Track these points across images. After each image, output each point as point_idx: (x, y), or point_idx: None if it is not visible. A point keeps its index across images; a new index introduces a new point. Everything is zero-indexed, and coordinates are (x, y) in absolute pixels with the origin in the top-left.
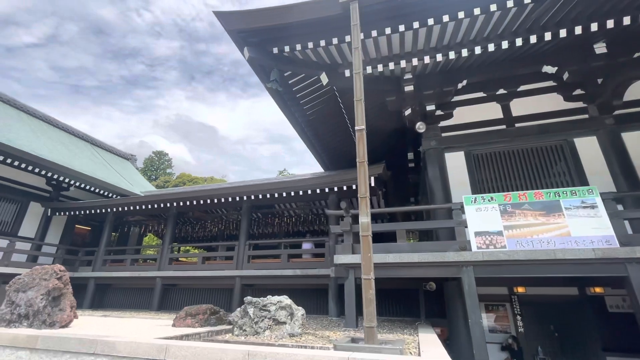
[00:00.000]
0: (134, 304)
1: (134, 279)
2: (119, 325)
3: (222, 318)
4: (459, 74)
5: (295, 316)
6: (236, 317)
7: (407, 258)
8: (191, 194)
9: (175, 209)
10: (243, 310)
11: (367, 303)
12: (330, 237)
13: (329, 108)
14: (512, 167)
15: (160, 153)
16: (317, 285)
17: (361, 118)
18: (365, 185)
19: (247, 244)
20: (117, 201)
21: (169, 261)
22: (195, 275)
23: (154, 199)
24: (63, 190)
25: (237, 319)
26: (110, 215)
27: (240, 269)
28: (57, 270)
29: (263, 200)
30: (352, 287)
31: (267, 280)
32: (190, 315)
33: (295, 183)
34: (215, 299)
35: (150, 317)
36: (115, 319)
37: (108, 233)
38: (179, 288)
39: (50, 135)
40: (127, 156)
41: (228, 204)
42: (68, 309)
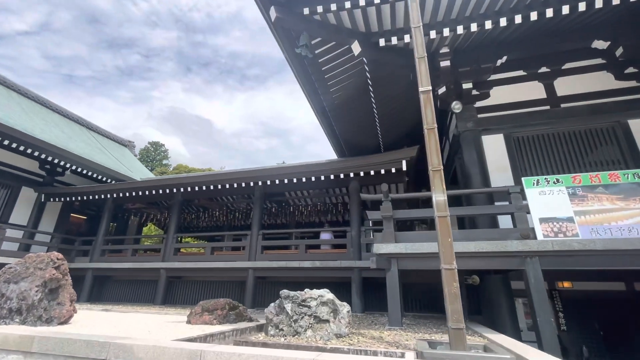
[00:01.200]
0: (135, 297)
1: (136, 270)
2: (124, 321)
3: (242, 314)
4: (499, 50)
5: (340, 313)
6: (270, 313)
7: (461, 247)
8: (199, 179)
9: (181, 195)
10: (278, 306)
11: (452, 299)
12: (352, 226)
13: (355, 86)
14: (558, 150)
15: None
16: (338, 278)
17: (426, 78)
18: (438, 156)
19: (261, 234)
20: (118, 186)
21: (174, 252)
22: (203, 266)
23: (158, 183)
24: (57, 175)
25: (271, 316)
26: (109, 202)
27: (254, 260)
28: (55, 259)
29: (277, 187)
30: (395, 280)
31: (282, 273)
32: (207, 311)
33: (315, 168)
34: (225, 292)
35: (156, 311)
36: (118, 313)
37: (107, 221)
38: (185, 281)
39: (44, 116)
40: (125, 142)
41: (239, 191)
42: (67, 303)
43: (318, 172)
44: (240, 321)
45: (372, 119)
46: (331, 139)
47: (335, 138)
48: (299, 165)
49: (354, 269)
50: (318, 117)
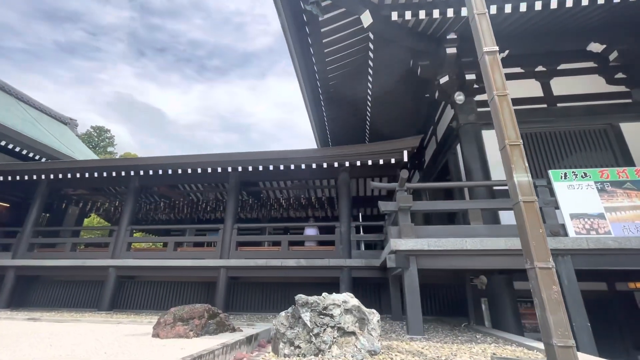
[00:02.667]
0: (72, 301)
1: (76, 269)
2: (63, 336)
3: (224, 323)
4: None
5: (370, 323)
6: (282, 326)
7: (490, 244)
8: (163, 161)
9: (139, 180)
10: (292, 316)
11: (553, 307)
12: (341, 221)
13: (355, 66)
14: (556, 149)
15: (101, 129)
16: (325, 279)
17: (489, 36)
18: (515, 127)
19: (236, 228)
20: (59, 165)
21: (127, 247)
22: (164, 264)
23: (111, 164)
24: None
25: (283, 329)
26: (42, 186)
27: (227, 258)
28: None
29: (256, 175)
30: (415, 282)
31: (261, 272)
32: (182, 320)
33: (303, 154)
34: (190, 295)
35: (103, 319)
36: (52, 324)
37: (38, 209)
38: (139, 282)
39: None
40: (65, 120)
41: (211, 178)
42: None
43: (307, 160)
44: (221, 331)
45: (364, 111)
46: (317, 128)
47: (322, 126)
48: (283, 151)
49: (344, 268)
50: (307, 100)
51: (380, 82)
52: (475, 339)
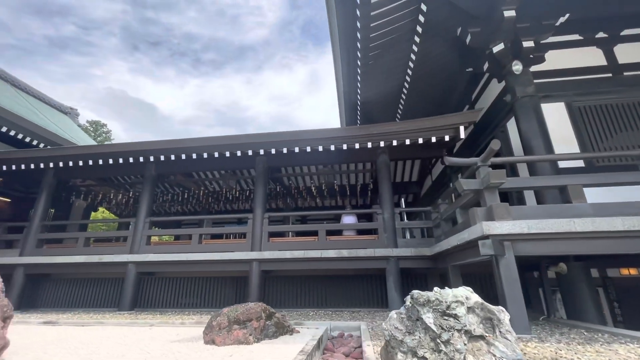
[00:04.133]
0: (89, 301)
1: (91, 265)
2: (96, 344)
3: (282, 324)
4: (560, 6)
5: (502, 324)
6: (397, 330)
7: (604, 225)
8: (185, 144)
9: (155, 168)
10: (408, 317)
11: None
12: (383, 208)
13: (402, 32)
14: (624, 123)
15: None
16: (368, 270)
17: None
18: None
19: (267, 217)
20: (70, 151)
21: (146, 240)
22: (189, 259)
23: (129, 148)
24: None
25: (400, 335)
26: (49, 176)
27: (259, 250)
28: None
29: (285, 159)
30: (513, 272)
31: (297, 265)
32: (238, 323)
33: (339, 133)
34: (217, 292)
35: (129, 321)
36: (75, 328)
37: (45, 202)
38: (160, 278)
39: None
40: (66, 109)
41: (235, 162)
42: None
43: (347, 140)
44: (281, 334)
45: (400, 88)
46: (347, 109)
47: (353, 107)
48: (318, 130)
49: (390, 259)
50: (341, 76)
51: (424, 53)
52: (594, 339)
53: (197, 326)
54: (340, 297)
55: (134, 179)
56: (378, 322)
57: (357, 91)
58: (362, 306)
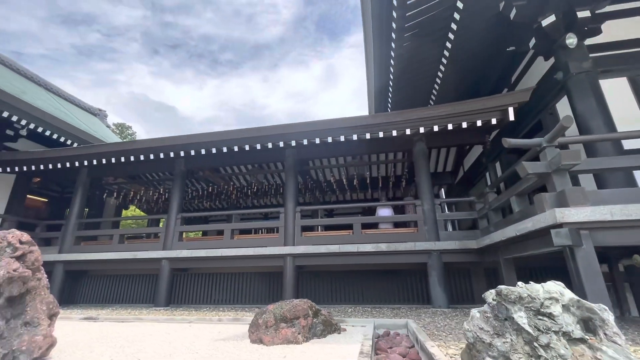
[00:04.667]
0: (124, 296)
1: (126, 262)
2: (141, 341)
3: (330, 322)
4: None
5: (607, 324)
6: (481, 331)
7: None
8: (214, 137)
9: (184, 164)
10: (495, 317)
11: None
12: (422, 199)
13: (440, 9)
14: None
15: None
16: (406, 265)
17: None
18: None
19: (299, 211)
20: (101, 149)
21: (179, 237)
22: (221, 255)
23: (160, 144)
24: (7, 140)
25: (486, 337)
26: (83, 175)
27: (292, 245)
28: (15, 241)
29: (315, 150)
30: (594, 264)
31: (332, 260)
32: (284, 321)
33: (376, 120)
34: (250, 288)
35: (167, 317)
36: (115, 325)
37: (80, 200)
38: (192, 274)
39: None
40: (95, 111)
41: (263, 155)
42: (44, 322)
43: (382, 127)
44: (329, 332)
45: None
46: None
47: (384, 93)
48: (350, 118)
49: (432, 252)
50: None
51: (462, 33)
52: None
53: (235, 323)
54: (378, 293)
55: (162, 176)
56: (426, 320)
57: (388, 77)
58: (402, 302)
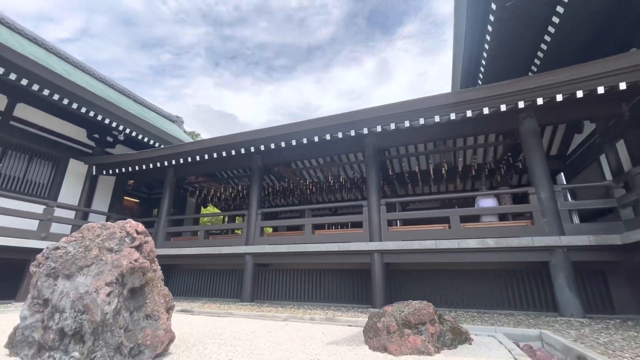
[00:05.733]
0: (209, 290)
1: (211, 257)
2: (248, 339)
3: (459, 330)
4: None
5: None
6: None
7: None
8: (290, 129)
9: (262, 159)
10: None
11: None
12: (537, 186)
13: None
14: None
15: (193, 133)
16: (520, 264)
17: None
18: None
19: (384, 204)
20: (187, 147)
21: (260, 232)
22: (303, 250)
23: (240, 139)
24: (107, 147)
25: None
26: (170, 175)
27: (379, 240)
28: (132, 231)
29: (396, 137)
30: None
31: (426, 257)
32: (408, 326)
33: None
34: (332, 285)
35: (257, 313)
36: (212, 319)
37: (169, 199)
38: (273, 270)
39: (87, 80)
40: (173, 118)
41: (341, 146)
42: (163, 315)
43: (484, 101)
44: (459, 342)
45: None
46: (466, 71)
47: (474, 67)
48: (442, 95)
49: (556, 250)
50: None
51: None
52: None
53: (330, 323)
54: (484, 295)
55: (237, 174)
56: (570, 332)
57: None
58: (514, 308)
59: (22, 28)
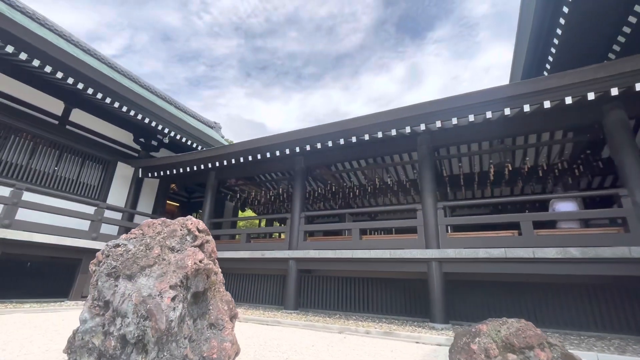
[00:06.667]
0: (251, 296)
1: (252, 261)
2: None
3: (571, 357)
4: None
5: None
6: None
7: None
8: (334, 128)
9: (304, 161)
10: None
11: None
12: (630, 187)
13: None
14: None
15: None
16: (609, 279)
17: None
18: None
19: (442, 207)
20: (229, 149)
21: (303, 236)
22: (352, 256)
23: (281, 140)
24: (152, 150)
25: None
26: (211, 178)
27: (436, 247)
28: (195, 229)
29: (455, 135)
30: None
31: (491, 267)
32: (512, 350)
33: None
34: (382, 295)
35: (305, 322)
36: (260, 327)
37: (210, 201)
38: (316, 277)
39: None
40: (211, 124)
41: (391, 146)
42: (228, 325)
43: (568, 89)
44: None
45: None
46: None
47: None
48: (515, 85)
49: None
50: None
51: None
52: None
53: (391, 339)
54: (565, 314)
55: (276, 177)
56: None
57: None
58: (606, 330)
59: (78, 40)
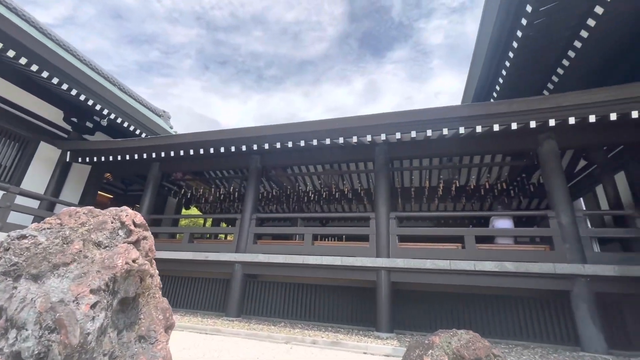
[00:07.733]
0: (189, 301)
1: (194, 263)
2: None
3: None
4: None
5: None
6: None
7: None
8: (293, 129)
9: (260, 160)
10: None
11: None
12: (556, 210)
13: None
14: None
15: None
16: (534, 292)
17: None
18: None
19: (394, 217)
20: (179, 139)
21: (253, 239)
22: (302, 262)
23: (240, 135)
24: (86, 133)
25: None
26: (154, 169)
27: (386, 256)
28: (130, 222)
29: (409, 148)
30: None
31: (435, 278)
32: None
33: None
34: (329, 303)
35: (247, 331)
36: (201, 337)
37: (151, 194)
38: (262, 282)
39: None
40: (159, 112)
41: (351, 153)
42: (162, 337)
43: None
44: None
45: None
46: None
47: (490, 85)
48: (472, 105)
49: (578, 279)
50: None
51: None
52: None
53: (337, 349)
54: (497, 323)
55: (229, 174)
56: None
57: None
58: (531, 339)
59: None
